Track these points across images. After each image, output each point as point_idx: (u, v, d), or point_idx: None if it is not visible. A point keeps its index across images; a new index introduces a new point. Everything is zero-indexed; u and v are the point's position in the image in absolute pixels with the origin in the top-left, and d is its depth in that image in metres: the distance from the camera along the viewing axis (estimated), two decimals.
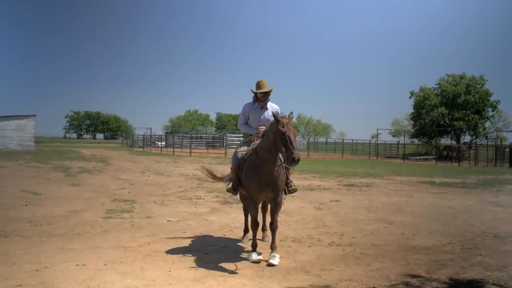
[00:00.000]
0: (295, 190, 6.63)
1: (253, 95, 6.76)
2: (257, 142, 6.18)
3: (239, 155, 6.39)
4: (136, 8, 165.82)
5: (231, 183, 6.56)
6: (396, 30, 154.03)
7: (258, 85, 6.61)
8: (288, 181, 6.49)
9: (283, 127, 5.51)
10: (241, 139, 7.10)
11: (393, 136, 67.17)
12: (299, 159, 5.38)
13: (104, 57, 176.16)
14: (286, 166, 6.07)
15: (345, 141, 53.65)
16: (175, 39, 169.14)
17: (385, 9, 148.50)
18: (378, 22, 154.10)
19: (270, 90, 6.62)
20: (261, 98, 6.64)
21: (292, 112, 6.12)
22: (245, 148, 6.44)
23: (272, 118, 6.72)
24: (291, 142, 5.43)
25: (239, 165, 6.34)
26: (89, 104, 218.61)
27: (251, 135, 6.64)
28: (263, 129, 6.35)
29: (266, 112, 6.69)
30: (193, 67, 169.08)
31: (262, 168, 5.88)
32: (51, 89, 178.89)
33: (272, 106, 6.78)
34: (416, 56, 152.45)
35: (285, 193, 6.44)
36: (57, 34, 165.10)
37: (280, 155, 6.01)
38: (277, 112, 6.81)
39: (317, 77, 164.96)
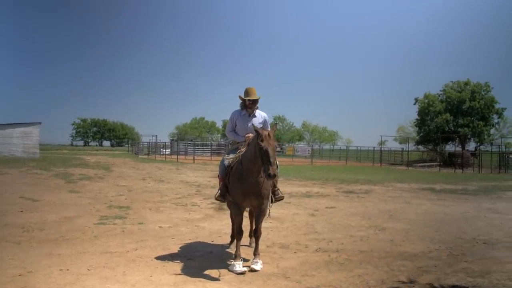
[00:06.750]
0: (281, 198, 6.66)
1: (241, 102, 6.80)
2: (243, 150, 6.20)
3: (226, 162, 6.41)
4: (141, 13, 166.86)
5: (219, 191, 6.59)
6: (401, 36, 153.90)
7: (247, 92, 6.62)
8: (275, 189, 6.51)
9: (262, 141, 5.42)
10: (229, 146, 7.13)
11: (400, 143, 67.01)
12: (275, 175, 5.38)
13: (111, 64, 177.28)
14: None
15: (350, 148, 53.70)
16: (181, 46, 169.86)
17: (389, 14, 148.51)
18: (382, 28, 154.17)
19: (258, 98, 6.66)
20: (249, 105, 6.66)
21: (276, 124, 6.14)
22: (232, 155, 6.46)
23: (259, 126, 6.77)
24: (268, 157, 5.34)
25: (226, 172, 6.37)
26: (96, 111, 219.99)
27: (238, 142, 6.68)
28: (250, 137, 6.39)
29: (253, 119, 6.71)
30: (199, 75, 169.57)
31: (246, 176, 5.89)
32: (58, 97, 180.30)
33: (260, 114, 6.79)
34: (420, 62, 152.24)
35: (272, 201, 6.46)
36: (63, 40, 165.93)
37: None
38: (265, 120, 6.81)
39: (322, 84, 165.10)
